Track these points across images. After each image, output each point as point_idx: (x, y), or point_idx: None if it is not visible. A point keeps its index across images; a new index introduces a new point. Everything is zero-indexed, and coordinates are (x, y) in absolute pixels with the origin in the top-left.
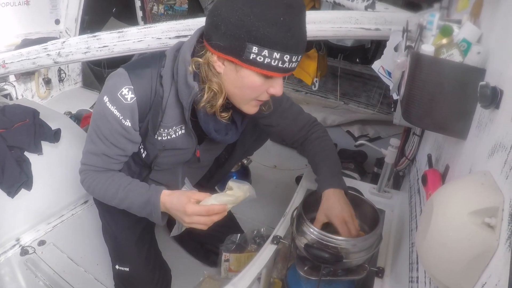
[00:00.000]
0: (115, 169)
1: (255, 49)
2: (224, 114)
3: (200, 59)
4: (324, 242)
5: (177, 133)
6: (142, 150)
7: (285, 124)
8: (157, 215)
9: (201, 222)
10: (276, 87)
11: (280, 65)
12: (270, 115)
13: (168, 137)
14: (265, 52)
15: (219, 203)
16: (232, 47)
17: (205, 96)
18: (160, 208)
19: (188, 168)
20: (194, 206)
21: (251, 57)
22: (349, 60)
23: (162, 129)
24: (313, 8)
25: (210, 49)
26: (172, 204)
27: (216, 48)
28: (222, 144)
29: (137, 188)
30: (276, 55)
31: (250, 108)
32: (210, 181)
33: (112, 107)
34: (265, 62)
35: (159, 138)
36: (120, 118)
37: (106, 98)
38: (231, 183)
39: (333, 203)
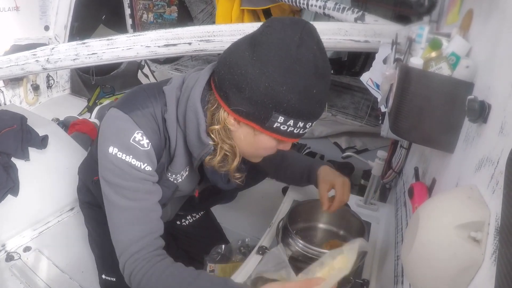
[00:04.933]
0: (160, 229)
1: (281, 118)
2: (237, 175)
3: (216, 126)
4: (309, 255)
5: (182, 177)
6: None
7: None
8: None
9: None
10: (287, 145)
11: (301, 132)
12: None
13: (175, 181)
14: (291, 122)
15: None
16: (255, 114)
17: (218, 157)
18: None
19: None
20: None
21: (274, 126)
22: None
23: (169, 174)
24: None
25: (227, 110)
26: None
27: (235, 111)
28: None
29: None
30: (301, 124)
31: (257, 159)
32: (204, 203)
33: (127, 157)
34: (288, 130)
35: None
36: (141, 166)
37: (114, 150)
38: (345, 249)
39: (332, 173)
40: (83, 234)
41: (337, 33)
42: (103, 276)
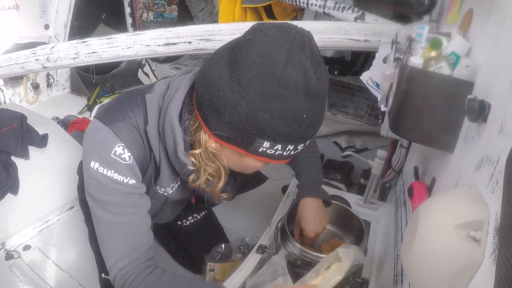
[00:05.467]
0: (149, 242)
1: (266, 144)
2: (224, 195)
3: (197, 151)
4: (307, 260)
5: (173, 188)
6: None
7: None
8: None
9: None
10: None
11: (292, 153)
12: None
13: (165, 193)
14: (278, 146)
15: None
16: (237, 139)
17: (202, 179)
18: None
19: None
20: None
21: (260, 150)
22: (330, 73)
23: (158, 187)
24: (295, 18)
25: (208, 133)
26: None
27: (216, 135)
28: None
29: None
30: (290, 147)
31: (249, 173)
32: (203, 206)
33: (109, 171)
34: (276, 154)
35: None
36: (123, 180)
37: (95, 165)
38: (341, 252)
39: (308, 215)
40: (83, 233)
41: (337, 32)
42: (103, 275)
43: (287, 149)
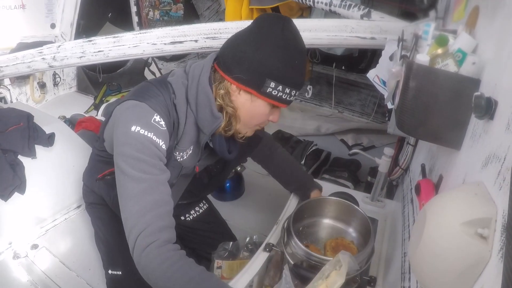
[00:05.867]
0: (171, 204)
1: (272, 84)
2: (240, 135)
3: (221, 91)
4: (313, 263)
5: (187, 154)
6: None
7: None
8: None
9: None
10: (276, 115)
11: (287, 98)
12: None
13: (181, 159)
14: (280, 87)
15: None
16: (253, 80)
17: (224, 123)
18: None
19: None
20: None
21: (267, 91)
22: (338, 68)
23: (177, 153)
24: (301, 16)
25: (230, 80)
26: None
27: (237, 80)
28: (216, 159)
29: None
30: (287, 90)
31: (249, 132)
32: (204, 191)
33: (149, 133)
34: (278, 95)
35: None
36: (159, 143)
37: (137, 128)
38: (342, 257)
39: None
40: (90, 231)
41: (343, 30)
42: (110, 271)
43: (285, 91)
